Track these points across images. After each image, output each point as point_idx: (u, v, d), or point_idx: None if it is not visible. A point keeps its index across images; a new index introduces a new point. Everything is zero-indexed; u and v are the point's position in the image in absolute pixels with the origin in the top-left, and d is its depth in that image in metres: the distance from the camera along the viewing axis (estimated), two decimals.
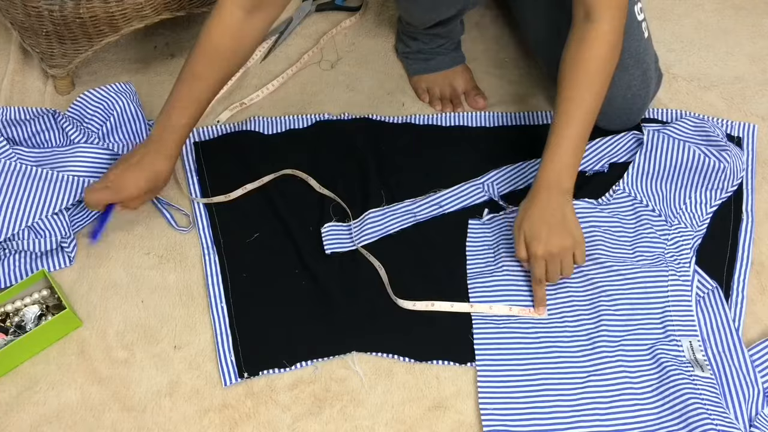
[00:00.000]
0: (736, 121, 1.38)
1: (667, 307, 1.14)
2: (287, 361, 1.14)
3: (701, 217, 1.23)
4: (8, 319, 1.17)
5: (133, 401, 1.11)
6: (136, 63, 1.51)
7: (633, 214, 1.24)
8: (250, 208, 1.29)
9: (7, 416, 1.10)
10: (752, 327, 1.16)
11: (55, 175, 1.25)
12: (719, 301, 1.15)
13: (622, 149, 1.32)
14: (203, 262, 1.24)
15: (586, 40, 1.11)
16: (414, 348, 1.15)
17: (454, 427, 1.09)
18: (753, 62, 1.49)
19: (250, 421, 1.10)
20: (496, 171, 1.31)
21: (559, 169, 1.12)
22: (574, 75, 1.12)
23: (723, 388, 1.08)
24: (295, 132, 1.39)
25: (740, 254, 1.22)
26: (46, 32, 1.34)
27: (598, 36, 1.11)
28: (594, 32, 1.11)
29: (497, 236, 1.24)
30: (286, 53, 1.53)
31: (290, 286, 1.21)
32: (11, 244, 1.22)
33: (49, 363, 1.15)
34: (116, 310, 1.20)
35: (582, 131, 1.13)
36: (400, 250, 1.24)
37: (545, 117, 1.40)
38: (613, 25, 1.11)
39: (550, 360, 1.11)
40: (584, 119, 1.13)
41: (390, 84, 1.47)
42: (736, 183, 1.27)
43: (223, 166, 1.34)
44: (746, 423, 1.05)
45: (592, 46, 1.11)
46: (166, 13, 1.38)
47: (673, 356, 1.10)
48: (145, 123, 1.35)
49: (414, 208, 1.27)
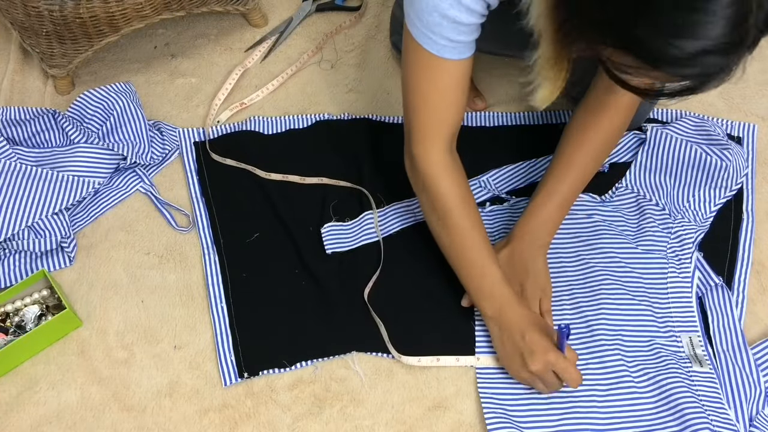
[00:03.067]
0: (736, 121, 1.37)
1: (668, 303, 1.15)
2: (287, 361, 1.14)
3: (705, 215, 1.24)
4: (8, 319, 1.17)
5: (133, 401, 1.11)
6: (136, 63, 1.51)
7: (636, 207, 1.25)
8: (250, 208, 1.29)
9: (7, 416, 1.10)
10: (752, 327, 1.16)
11: (55, 175, 1.25)
12: (727, 299, 1.15)
13: (623, 149, 1.32)
14: (203, 262, 1.24)
15: (605, 109, 1.08)
16: (414, 348, 1.14)
17: (454, 427, 1.09)
18: (753, 62, 1.49)
19: (250, 421, 1.09)
20: (496, 170, 1.31)
21: (538, 223, 1.11)
22: (582, 139, 1.10)
23: (726, 387, 1.08)
24: (295, 132, 1.39)
25: (740, 254, 1.22)
26: (46, 32, 1.34)
27: (617, 107, 1.08)
28: (615, 103, 1.08)
29: (498, 229, 1.24)
30: (286, 53, 1.53)
31: (290, 285, 1.21)
32: (11, 244, 1.22)
33: (49, 363, 1.15)
34: (116, 310, 1.20)
35: (574, 191, 1.12)
36: (401, 249, 1.24)
37: (545, 117, 1.40)
38: (633, 98, 1.05)
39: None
40: (578, 180, 1.12)
41: (390, 84, 1.47)
42: (739, 181, 1.27)
43: (223, 166, 1.34)
44: (746, 422, 1.05)
45: (610, 117, 1.09)
46: (166, 13, 1.38)
47: (673, 351, 1.10)
48: (146, 123, 1.34)
49: (414, 207, 1.27)
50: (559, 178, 1.12)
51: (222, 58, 1.52)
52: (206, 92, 1.46)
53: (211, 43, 1.54)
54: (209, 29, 1.56)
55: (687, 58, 0.71)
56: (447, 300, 1.18)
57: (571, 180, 1.11)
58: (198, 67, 1.50)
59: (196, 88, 1.47)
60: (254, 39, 1.54)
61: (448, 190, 1.06)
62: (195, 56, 1.52)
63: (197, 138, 1.38)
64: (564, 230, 1.22)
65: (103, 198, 1.31)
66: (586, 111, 1.11)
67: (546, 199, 1.11)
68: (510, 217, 1.25)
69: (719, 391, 1.07)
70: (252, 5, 1.51)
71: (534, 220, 1.12)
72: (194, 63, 1.51)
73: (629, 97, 1.02)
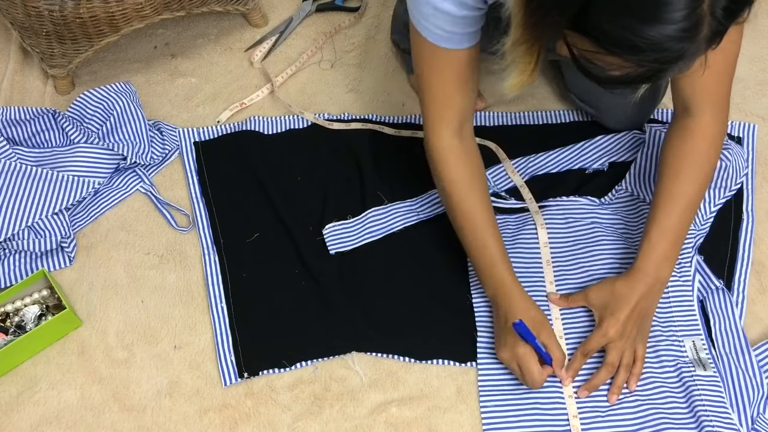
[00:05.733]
0: (736, 121, 1.37)
1: (669, 307, 1.14)
2: (287, 361, 1.14)
3: (705, 215, 1.23)
4: (8, 319, 1.17)
5: (133, 401, 1.11)
6: (136, 63, 1.51)
7: (635, 211, 1.24)
8: (250, 208, 1.29)
9: (7, 416, 1.10)
10: (752, 327, 1.16)
11: (55, 175, 1.25)
12: (728, 302, 1.15)
13: (623, 148, 1.32)
14: (203, 262, 1.24)
15: (687, 132, 1.08)
16: (414, 348, 1.15)
17: (454, 427, 1.09)
18: (753, 62, 1.49)
19: (250, 421, 1.09)
20: (495, 167, 1.31)
21: (659, 259, 1.08)
22: (676, 168, 1.09)
23: (728, 390, 1.07)
24: (295, 132, 1.39)
25: (741, 254, 1.22)
26: (46, 32, 1.34)
27: (699, 128, 1.07)
28: (695, 125, 1.07)
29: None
30: (286, 53, 1.53)
31: (290, 286, 1.21)
32: (11, 244, 1.22)
33: (49, 363, 1.15)
34: (116, 310, 1.20)
35: (683, 223, 1.09)
36: (403, 248, 1.24)
37: (545, 117, 1.40)
38: (714, 117, 1.06)
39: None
40: (684, 211, 1.08)
41: (390, 84, 1.47)
42: (739, 181, 1.27)
43: (223, 166, 1.34)
44: (749, 424, 1.05)
45: (694, 138, 1.07)
46: (166, 13, 1.38)
47: (676, 356, 1.10)
48: (146, 123, 1.34)
49: (416, 206, 1.27)
50: (665, 215, 1.08)
51: (222, 58, 1.52)
52: (206, 92, 1.46)
53: (211, 43, 1.54)
54: (209, 29, 1.56)
55: (641, 43, 0.72)
56: (449, 301, 1.18)
57: (676, 213, 1.08)
58: (198, 67, 1.50)
59: (196, 88, 1.47)
60: (254, 39, 1.54)
61: (455, 175, 1.09)
62: (195, 56, 1.52)
63: (197, 138, 1.38)
64: (563, 237, 1.22)
65: (103, 198, 1.31)
66: (670, 141, 1.10)
67: (659, 239, 1.07)
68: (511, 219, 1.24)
69: (723, 394, 1.06)
70: (252, 5, 1.51)
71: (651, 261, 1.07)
72: (194, 63, 1.51)
73: (708, 116, 1.05)
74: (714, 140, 1.08)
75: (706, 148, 1.08)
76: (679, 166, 1.08)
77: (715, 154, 1.09)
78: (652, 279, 1.06)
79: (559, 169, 1.31)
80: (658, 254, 1.07)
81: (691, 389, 1.06)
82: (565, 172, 1.31)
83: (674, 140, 1.09)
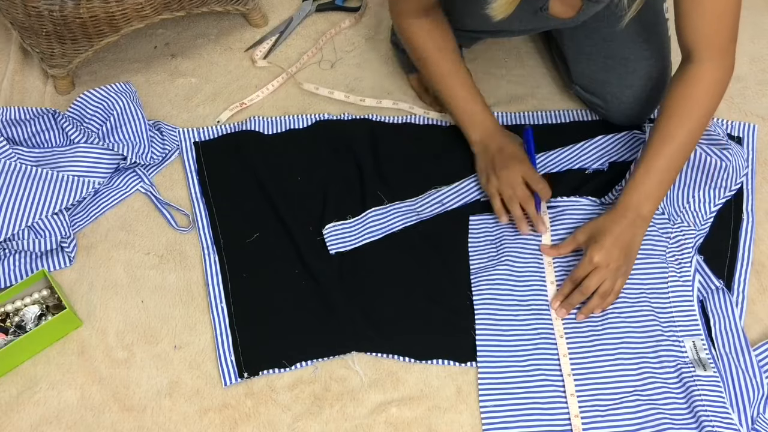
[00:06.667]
0: (736, 121, 1.37)
1: (670, 307, 1.14)
2: (287, 361, 1.14)
3: (704, 216, 1.23)
4: (8, 319, 1.17)
5: (133, 401, 1.11)
6: (136, 63, 1.51)
7: None
8: (250, 208, 1.29)
9: (7, 416, 1.10)
10: (752, 327, 1.16)
11: (55, 175, 1.25)
12: (728, 302, 1.15)
13: (623, 148, 1.32)
14: (203, 262, 1.24)
15: (686, 78, 1.11)
16: (414, 348, 1.15)
17: (454, 427, 1.09)
18: (753, 62, 1.49)
19: (250, 421, 1.10)
20: None
21: (641, 196, 1.11)
22: (669, 111, 1.12)
23: (728, 390, 1.08)
24: (295, 132, 1.39)
25: (741, 254, 1.22)
26: (46, 32, 1.34)
27: (697, 74, 1.11)
28: (694, 71, 1.11)
29: (500, 231, 1.24)
30: (286, 53, 1.53)
31: (290, 286, 1.21)
32: (11, 244, 1.22)
33: (49, 363, 1.15)
34: (116, 310, 1.20)
35: (671, 165, 1.12)
36: (403, 248, 1.24)
37: (545, 117, 1.40)
38: (714, 63, 1.10)
39: (551, 360, 1.11)
40: (674, 153, 1.12)
41: (390, 84, 1.47)
42: (739, 181, 1.27)
43: (223, 166, 1.34)
44: (749, 424, 1.05)
45: (692, 85, 1.11)
46: (166, 13, 1.38)
47: (676, 356, 1.10)
48: (146, 123, 1.34)
49: (416, 206, 1.27)
50: (653, 155, 1.12)
51: (222, 58, 1.52)
52: (206, 92, 1.46)
53: (211, 43, 1.54)
54: (209, 29, 1.56)
55: None
56: (449, 301, 1.18)
57: (666, 154, 1.11)
58: (198, 67, 1.50)
59: (196, 88, 1.47)
60: (254, 39, 1.55)
61: (424, 42, 1.24)
62: (195, 56, 1.52)
63: (197, 138, 1.38)
64: (563, 237, 1.22)
65: (103, 198, 1.31)
66: (671, 87, 1.14)
67: (644, 177, 1.12)
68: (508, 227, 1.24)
69: (723, 395, 1.06)
70: (252, 5, 1.51)
71: (633, 196, 1.12)
72: (194, 63, 1.51)
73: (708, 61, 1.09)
74: (711, 86, 1.11)
75: (701, 94, 1.11)
76: (672, 110, 1.12)
77: (710, 100, 1.12)
78: (633, 214, 1.11)
79: (559, 169, 1.31)
80: (640, 192, 1.11)
81: (692, 389, 1.06)
82: (565, 172, 1.31)
83: (673, 86, 1.14)
